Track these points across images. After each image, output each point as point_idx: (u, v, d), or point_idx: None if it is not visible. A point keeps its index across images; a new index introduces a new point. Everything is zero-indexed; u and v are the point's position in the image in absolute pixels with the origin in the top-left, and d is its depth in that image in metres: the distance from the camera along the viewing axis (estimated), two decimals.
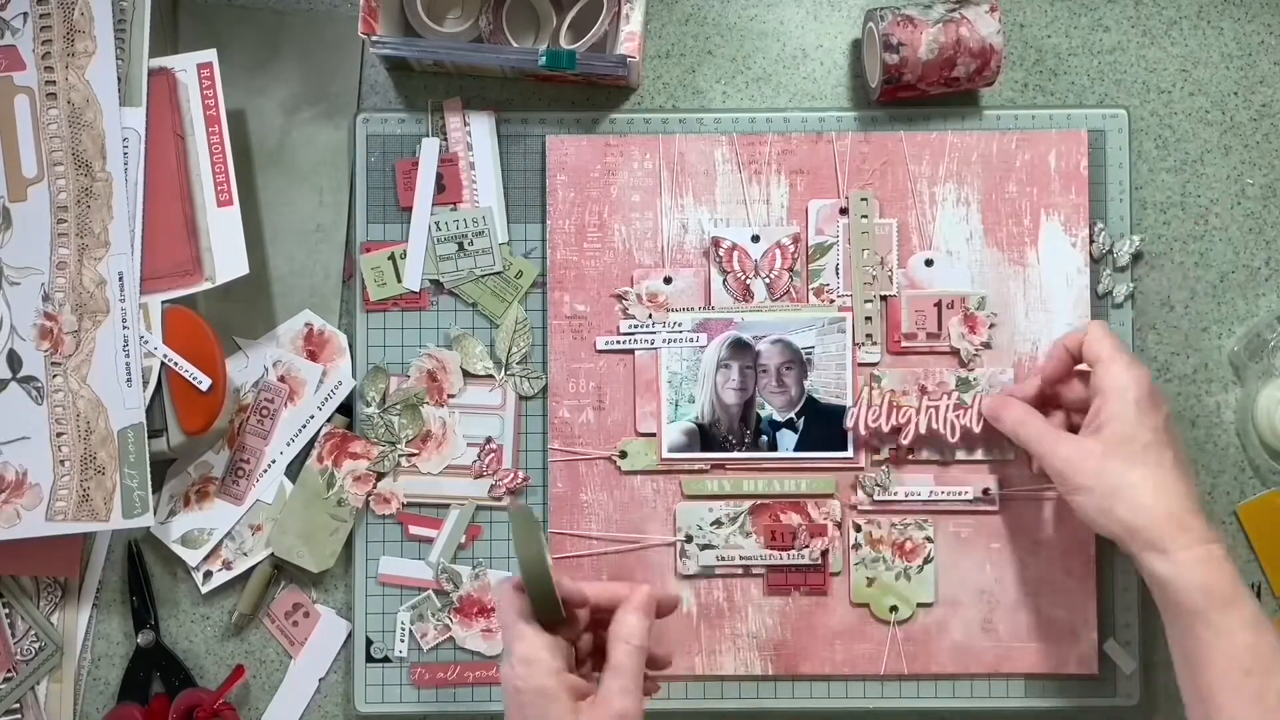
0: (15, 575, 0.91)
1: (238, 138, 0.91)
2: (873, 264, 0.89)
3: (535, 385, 0.90)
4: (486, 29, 0.91)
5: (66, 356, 0.86)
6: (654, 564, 0.89)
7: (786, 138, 0.90)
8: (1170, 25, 0.93)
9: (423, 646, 0.90)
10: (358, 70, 0.93)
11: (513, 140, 0.91)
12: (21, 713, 0.91)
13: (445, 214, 0.90)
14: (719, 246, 0.89)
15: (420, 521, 0.90)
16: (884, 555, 0.89)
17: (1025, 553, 0.89)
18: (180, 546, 0.90)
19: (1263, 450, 0.90)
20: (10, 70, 0.87)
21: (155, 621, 0.91)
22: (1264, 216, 0.92)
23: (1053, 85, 0.92)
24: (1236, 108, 0.92)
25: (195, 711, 0.89)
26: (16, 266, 0.86)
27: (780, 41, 0.93)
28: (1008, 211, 0.89)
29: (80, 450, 0.86)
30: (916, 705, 0.89)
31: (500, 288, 0.91)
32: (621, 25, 0.87)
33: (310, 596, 0.91)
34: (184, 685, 0.90)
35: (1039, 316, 0.89)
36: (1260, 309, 0.91)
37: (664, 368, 0.89)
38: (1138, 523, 0.76)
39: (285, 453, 0.90)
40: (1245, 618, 0.73)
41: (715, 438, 0.89)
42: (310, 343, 0.91)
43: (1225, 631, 0.73)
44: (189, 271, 0.87)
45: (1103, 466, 0.77)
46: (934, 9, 0.87)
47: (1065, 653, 0.88)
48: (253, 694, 0.91)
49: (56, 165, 0.87)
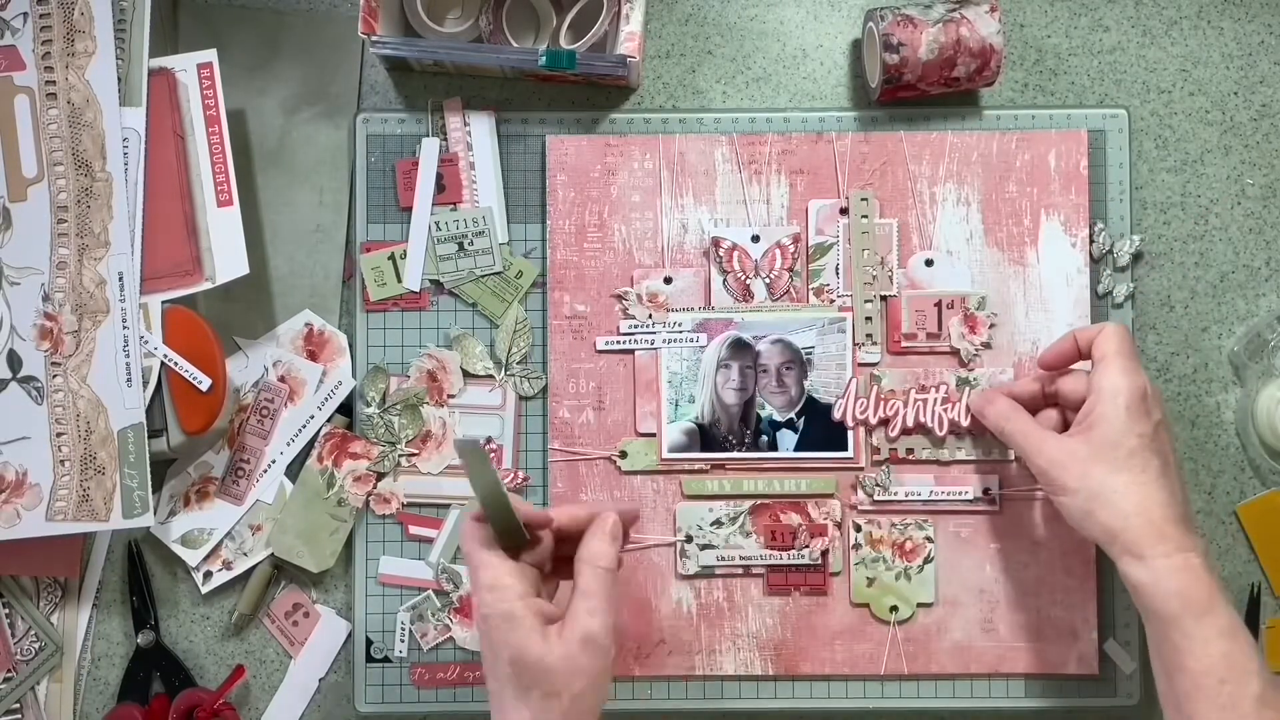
0: (15, 575, 0.91)
1: (238, 138, 0.91)
2: (873, 264, 0.89)
3: (535, 385, 0.90)
4: (486, 29, 0.91)
5: (66, 356, 0.86)
6: (654, 564, 0.89)
7: (787, 137, 0.90)
8: (1170, 25, 0.93)
9: (423, 646, 0.90)
10: (358, 70, 0.93)
11: (513, 140, 0.91)
12: (21, 713, 0.91)
13: (445, 214, 0.90)
14: (719, 246, 0.89)
15: (420, 521, 0.90)
16: (884, 555, 0.89)
17: (1025, 553, 0.89)
18: (180, 546, 0.90)
19: (1263, 450, 0.90)
20: (10, 70, 0.87)
21: (155, 621, 0.91)
22: (1264, 216, 0.92)
23: (1053, 85, 0.92)
24: (1236, 108, 0.92)
25: (195, 711, 0.89)
26: (16, 266, 0.86)
27: (780, 41, 0.93)
28: (1008, 211, 0.89)
29: (80, 450, 0.86)
30: (916, 705, 0.89)
31: (500, 288, 0.91)
32: (621, 25, 0.87)
33: (310, 596, 0.91)
34: (184, 685, 0.90)
35: (1039, 316, 0.89)
36: (1260, 309, 0.92)
37: (664, 368, 0.89)
38: (1117, 528, 0.76)
39: (285, 453, 0.90)
40: (1221, 626, 0.73)
41: (715, 438, 0.89)
42: (310, 343, 0.91)
43: (1200, 639, 0.73)
44: (189, 271, 0.87)
45: (1087, 470, 0.77)
46: (934, 9, 0.87)
47: (1065, 653, 0.88)
48: (253, 694, 0.91)
49: (56, 165, 0.87)
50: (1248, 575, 0.91)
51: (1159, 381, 0.91)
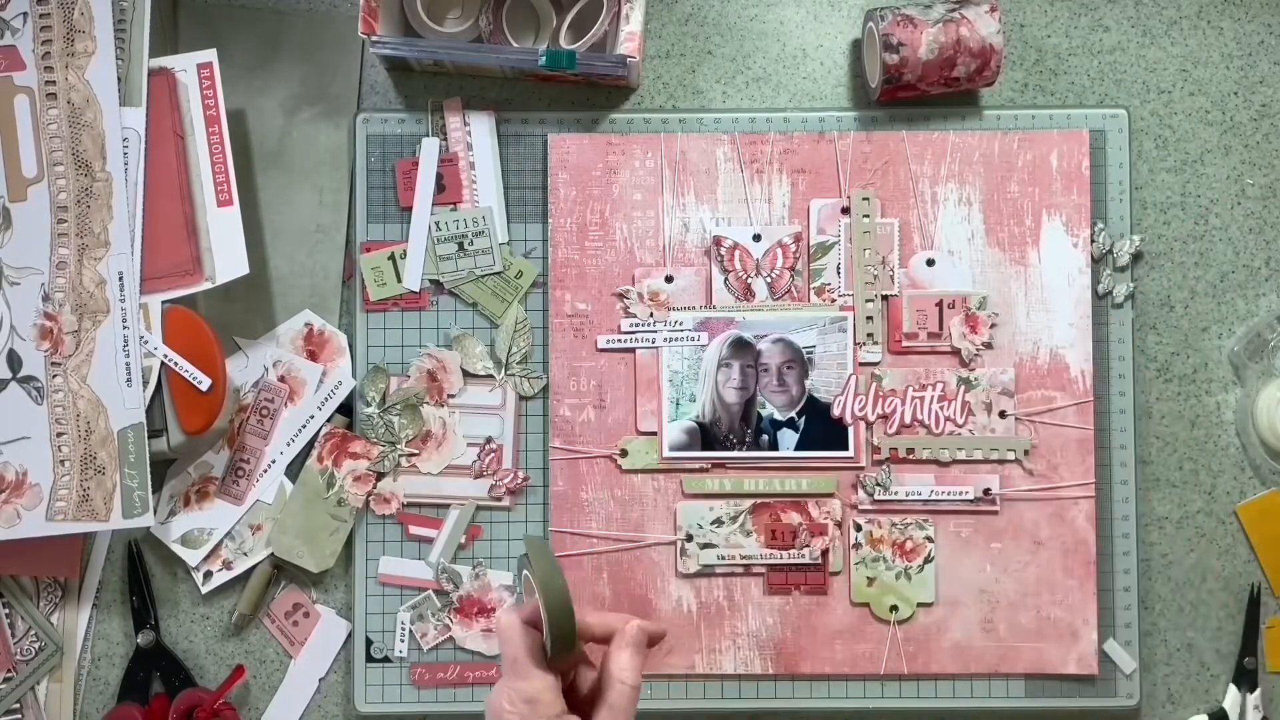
0: (15, 575, 0.91)
1: (238, 138, 0.91)
2: (874, 263, 0.89)
3: (535, 385, 0.90)
4: (486, 29, 0.91)
5: (66, 356, 0.86)
6: (654, 563, 0.89)
7: (788, 137, 0.90)
8: (1170, 25, 0.93)
9: (423, 646, 0.90)
10: (358, 70, 0.93)
11: (513, 140, 0.91)
12: (21, 713, 0.91)
13: (445, 214, 0.90)
14: (720, 245, 0.89)
15: (420, 521, 0.90)
16: (884, 555, 0.89)
17: (1025, 553, 0.89)
18: (180, 546, 0.90)
19: (1263, 450, 0.90)
20: (10, 70, 0.87)
21: (155, 621, 0.91)
22: (1264, 216, 0.92)
23: (1053, 85, 0.92)
24: (1236, 108, 0.92)
25: (195, 711, 0.89)
26: (16, 266, 0.86)
27: (780, 41, 0.93)
28: (1009, 211, 0.89)
29: (80, 450, 0.85)
30: (916, 705, 0.89)
31: (500, 288, 0.90)
32: (621, 25, 0.87)
33: (310, 596, 0.91)
34: (184, 685, 0.90)
35: (1040, 316, 0.89)
36: (1260, 309, 0.92)
37: (665, 366, 0.89)
38: None
39: (285, 453, 0.90)
40: None
41: (716, 437, 0.89)
42: (310, 342, 0.91)
43: None
44: (189, 271, 0.87)
45: None
46: (934, 9, 0.87)
47: (1065, 653, 0.89)
48: (253, 694, 0.91)
49: (56, 165, 0.86)
50: (1248, 575, 0.91)
51: (1159, 382, 0.91)
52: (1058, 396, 0.89)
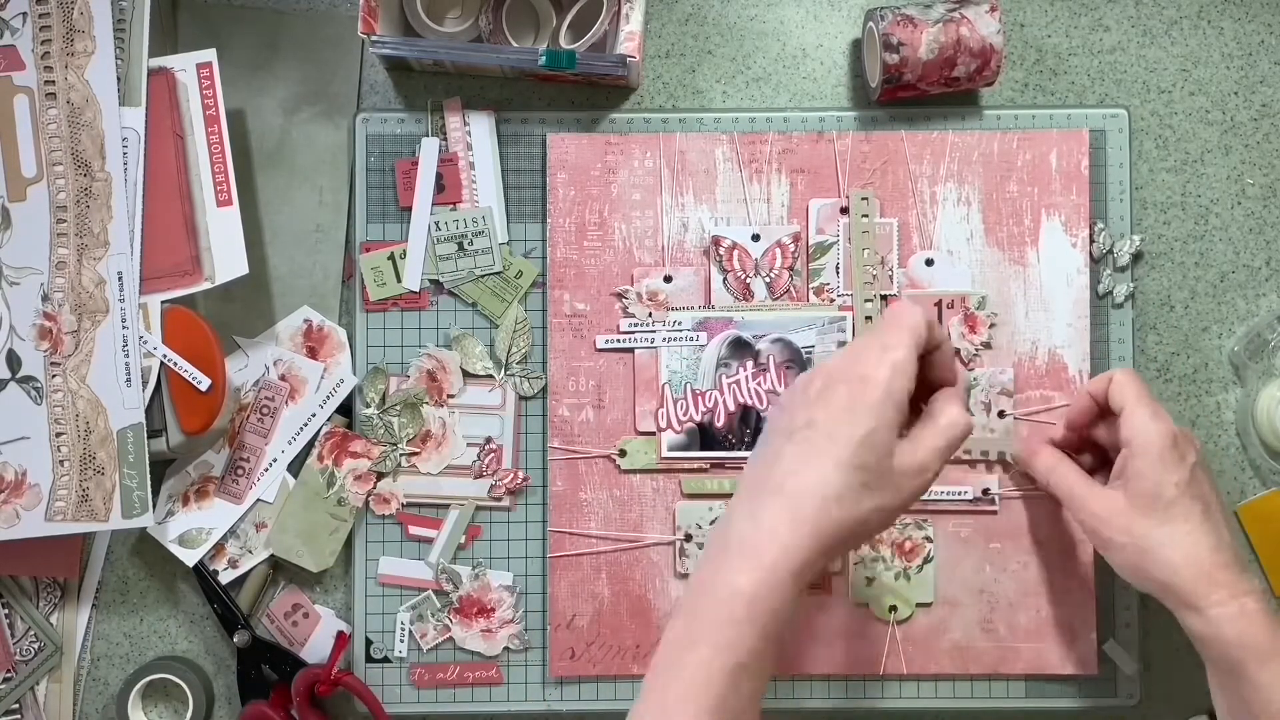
0: (15, 575, 0.91)
1: (237, 138, 0.91)
2: (873, 263, 0.89)
3: (535, 385, 0.90)
4: (486, 29, 0.91)
5: (66, 356, 0.86)
6: (653, 563, 0.89)
7: (787, 136, 0.90)
8: (1170, 25, 0.93)
9: (422, 647, 0.90)
10: (358, 70, 0.93)
11: (512, 140, 0.91)
12: (21, 713, 0.91)
13: (445, 214, 0.90)
14: (719, 245, 0.89)
15: (420, 522, 0.90)
16: (883, 555, 0.89)
17: (1025, 553, 0.89)
18: (178, 546, 0.90)
19: (1263, 450, 0.90)
20: (10, 70, 0.87)
21: (245, 620, 0.90)
22: (1264, 216, 0.92)
23: (1053, 85, 0.92)
24: (1236, 108, 0.92)
25: (316, 687, 0.88)
26: (16, 266, 0.86)
27: (780, 41, 0.93)
28: (1008, 211, 0.89)
29: (80, 450, 0.85)
30: (916, 705, 0.89)
31: (500, 288, 0.90)
32: (621, 25, 0.87)
33: (310, 596, 0.91)
34: (295, 668, 0.89)
35: (1039, 316, 0.89)
36: (1260, 309, 0.92)
37: (664, 366, 0.89)
38: (1168, 581, 0.75)
39: (286, 451, 0.90)
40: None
41: (715, 437, 0.89)
42: (310, 339, 0.91)
43: (1264, 685, 0.72)
44: (189, 271, 0.87)
45: (1131, 524, 0.77)
46: (934, 9, 0.87)
47: (1065, 653, 0.88)
48: None
49: (56, 165, 0.86)
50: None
51: (1159, 382, 0.91)
52: (1056, 396, 0.89)
